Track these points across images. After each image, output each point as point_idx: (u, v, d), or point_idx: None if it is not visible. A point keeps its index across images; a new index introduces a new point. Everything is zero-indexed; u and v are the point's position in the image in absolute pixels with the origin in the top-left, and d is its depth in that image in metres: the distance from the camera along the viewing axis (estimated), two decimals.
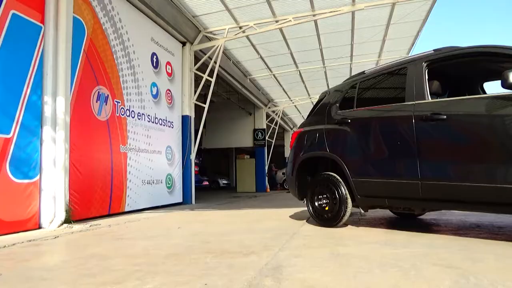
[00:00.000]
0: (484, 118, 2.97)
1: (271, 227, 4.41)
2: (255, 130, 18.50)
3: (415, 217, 4.85)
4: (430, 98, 3.40)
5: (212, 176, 23.51)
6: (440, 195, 3.21)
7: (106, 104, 6.31)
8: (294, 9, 8.82)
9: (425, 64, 3.54)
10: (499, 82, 2.84)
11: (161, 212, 6.90)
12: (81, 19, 5.79)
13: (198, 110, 10.36)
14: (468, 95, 3.90)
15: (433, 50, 3.60)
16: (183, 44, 9.47)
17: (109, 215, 6.17)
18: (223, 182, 23.79)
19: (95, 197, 5.91)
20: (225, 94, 16.19)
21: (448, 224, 4.23)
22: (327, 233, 3.74)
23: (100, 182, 6.06)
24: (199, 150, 14.62)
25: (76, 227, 4.77)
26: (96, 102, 6.06)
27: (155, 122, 7.99)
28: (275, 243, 3.21)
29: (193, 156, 9.42)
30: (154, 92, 8.01)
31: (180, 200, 8.90)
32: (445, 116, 3.15)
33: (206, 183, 21.47)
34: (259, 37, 10.22)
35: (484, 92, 4.05)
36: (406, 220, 4.71)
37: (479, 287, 1.84)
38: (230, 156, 28.50)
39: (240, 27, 9.49)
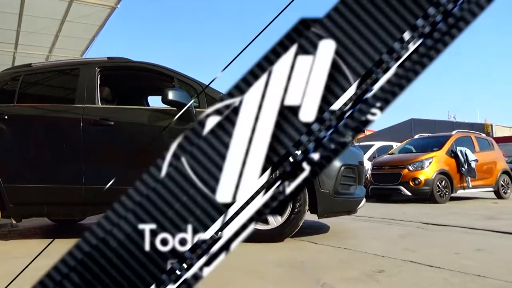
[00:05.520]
0: (145, 127, 3.29)
1: None
2: None
3: (76, 222, 4.73)
4: (100, 104, 3.45)
5: None
6: (102, 199, 3.28)
7: None
8: None
9: (98, 69, 3.55)
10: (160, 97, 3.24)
11: None
12: None
13: None
14: (135, 105, 4.27)
15: (107, 57, 3.69)
16: None
17: None
18: None
19: None
20: None
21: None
22: None
23: None
24: None
25: None
26: None
27: None
28: None
29: None
30: None
31: None
32: (112, 123, 3.27)
33: None
34: None
35: (148, 105, 4.54)
36: (67, 226, 4.53)
37: None
38: None
39: None
